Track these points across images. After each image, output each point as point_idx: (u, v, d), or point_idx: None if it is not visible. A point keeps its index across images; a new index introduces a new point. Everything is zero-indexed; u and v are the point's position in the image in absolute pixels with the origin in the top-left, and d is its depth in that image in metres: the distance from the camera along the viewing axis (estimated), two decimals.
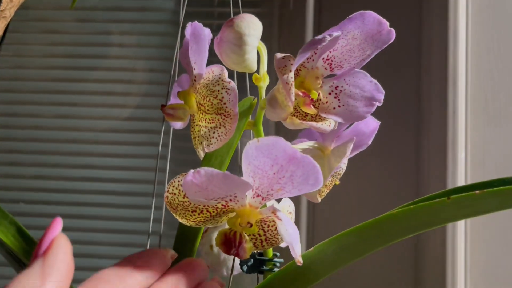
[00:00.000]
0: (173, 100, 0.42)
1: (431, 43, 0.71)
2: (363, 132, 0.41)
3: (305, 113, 0.35)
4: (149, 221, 0.89)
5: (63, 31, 0.92)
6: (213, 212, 0.32)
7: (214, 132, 0.35)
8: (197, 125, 0.38)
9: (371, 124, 0.41)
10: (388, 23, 0.33)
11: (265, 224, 0.33)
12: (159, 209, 0.80)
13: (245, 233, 0.31)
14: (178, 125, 0.42)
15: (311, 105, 0.33)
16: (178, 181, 0.32)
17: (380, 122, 0.42)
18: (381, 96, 0.34)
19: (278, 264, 0.40)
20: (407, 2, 0.75)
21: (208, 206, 0.31)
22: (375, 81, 0.34)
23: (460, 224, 0.67)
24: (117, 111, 0.90)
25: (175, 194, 0.32)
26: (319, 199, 0.40)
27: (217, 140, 0.35)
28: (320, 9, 0.78)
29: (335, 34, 0.32)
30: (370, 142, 0.42)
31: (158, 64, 0.91)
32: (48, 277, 0.25)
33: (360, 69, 0.35)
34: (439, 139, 0.69)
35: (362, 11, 0.33)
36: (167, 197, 0.32)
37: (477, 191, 0.29)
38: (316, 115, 0.35)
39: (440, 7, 0.71)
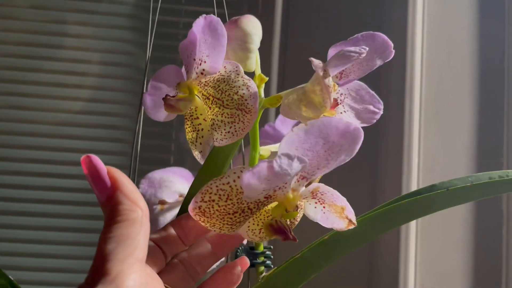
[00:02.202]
0: (153, 91, 0.41)
1: (391, 60, 0.76)
2: None
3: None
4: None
5: (17, 17, 0.87)
6: (254, 208, 0.31)
7: (230, 127, 0.35)
8: (196, 118, 0.37)
9: None
10: (392, 45, 0.36)
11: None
12: None
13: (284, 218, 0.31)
14: (162, 117, 0.41)
15: (335, 108, 0.36)
16: (216, 186, 0.31)
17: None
18: (379, 105, 0.38)
19: (271, 257, 0.41)
20: (368, 21, 0.79)
21: (252, 202, 0.31)
22: (372, 92, 0.38)
23: (412, 224, 0.72)
24: (72, 104, 0.87)
25: (213, 200, 0.31)
26: None
27: (233, 134, 0.35)
28: (288, 13, 0.80)
29: (367, 49, 0.34)
30: None
31: (114, 57, 0.89)
32: (139, 202, 0.28)
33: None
34: (395, 145, 0.74)
35: (371, 32, 0.36)
36: (200, 207, 0.31)
37: (468, 184, 0.36)
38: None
39: (399, 26, 0.76)
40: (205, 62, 0.35)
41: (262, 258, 0.41)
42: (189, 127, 0.38)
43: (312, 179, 0.31)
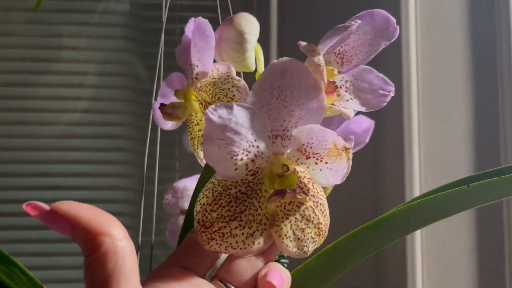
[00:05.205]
0: (161, 100, 0.40)
1: (386, 56, 0.77)
2: (354, 131, 0.41)
3: None
4: None
5: (13, 34, 0.87)
6: (247, 190, 0.29)
7: None
8: (196, 124, 0.37)
9: (363, 123, 0.42)
10: (395, 21, 0.34)
11: (301, 183, 0.30)
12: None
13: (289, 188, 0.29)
14: (169, 125, 0.40)
15: (334, 93, 0.33)
16: (202, 193, 0.29)
17: (374, 121, 0.42)
18: (390, 88, 0.35)
19: (285, 265, 0.38)
20: None
21: (237, 182, 0.29)
22: (381, 75, 0.35)
23: None
24: (71, 116, 0.87)
25: (204, 204, 0.29)
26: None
27: None
28: (283, 17, 0.81)
29: (359, 22, 0.32)
30: (367, 140, 0.42)
31: (110, 68, 0.89)
32: (104, 228, 0.24)
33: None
34: (396, 138, 0.75)
35: (370, 10, 0.34)
36: (198, 220, 0.28)
37: (495, 178, 0.30)
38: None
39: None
40: (197, 66, 0.34)
41: None
42: (190, 133, 0.38)
43: (288, 136, 0.29)
